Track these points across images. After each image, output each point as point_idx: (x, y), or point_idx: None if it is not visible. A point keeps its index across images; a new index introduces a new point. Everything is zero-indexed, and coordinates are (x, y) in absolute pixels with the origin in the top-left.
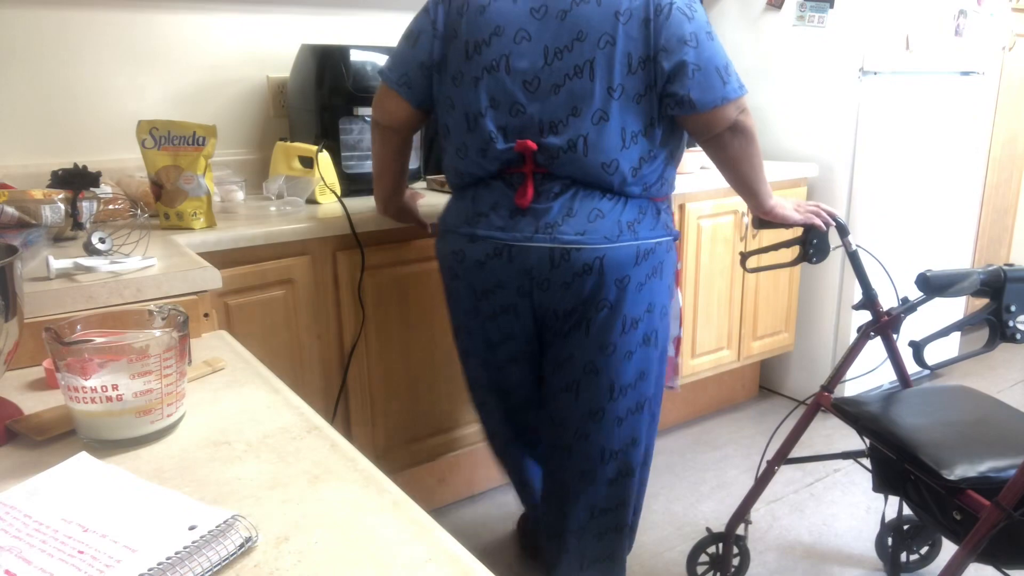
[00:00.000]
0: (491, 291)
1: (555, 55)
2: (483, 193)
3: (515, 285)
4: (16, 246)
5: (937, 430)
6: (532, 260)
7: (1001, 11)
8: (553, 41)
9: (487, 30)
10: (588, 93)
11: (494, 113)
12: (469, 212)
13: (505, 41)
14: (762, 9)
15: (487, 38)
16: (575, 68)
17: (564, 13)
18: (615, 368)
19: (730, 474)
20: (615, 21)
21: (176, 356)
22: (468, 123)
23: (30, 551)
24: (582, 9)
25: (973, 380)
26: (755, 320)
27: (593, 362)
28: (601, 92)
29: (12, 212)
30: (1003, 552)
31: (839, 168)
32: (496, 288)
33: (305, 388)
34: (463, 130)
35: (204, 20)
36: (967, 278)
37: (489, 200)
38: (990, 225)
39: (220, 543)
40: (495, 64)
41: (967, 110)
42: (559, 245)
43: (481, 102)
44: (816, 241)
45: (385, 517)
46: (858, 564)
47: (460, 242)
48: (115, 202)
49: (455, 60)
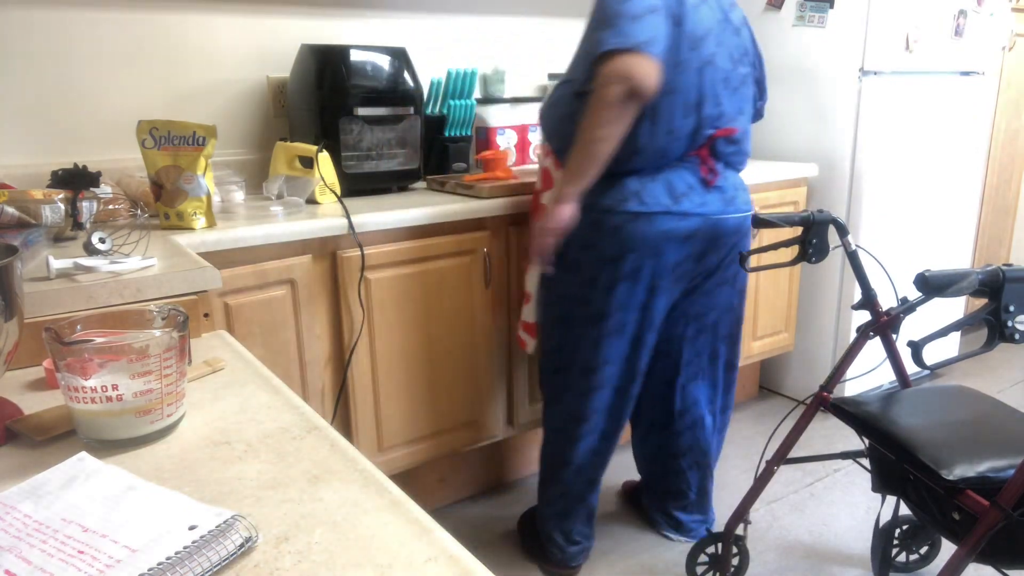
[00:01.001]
0: (680, 263)
1: (735, 63)
2: (675, 175)
3: (699, 253)
4: (16, 246)
5: (936, 430)
6: (727, 229)
7: (1001, 11)
8: (733, 51)
9: (703, 27)
10: (748, 100)
11: (708, 103)
12: (671, 193)
13: (712, 40)
14: (762, 9)
15: (704, 34)
16: (742, 77)
17: (737, 30)
18: (742, 304)
19: (730, 474)
20: (755, 49)
21: (176, 356)
22: (685, 109)
23: (30, 551)
24: (742, 31)
25: (972, 380)
26: (755, 320)
27: (731, 302)
28: (751, 102)
29: (12, 212)
30: (1002, 552)
31: (839, 168)
32: (684, 260)
33: (305, 388)
34: (678, 115)
35: (204, 20)
36: (966, 278)
37: (684, 181)
38: (990, 225)
39: (220, 543)
40: (711, 59)
41: (967, 110)
42: (740, 214)
43: (704, 90)
44: (815, 241)
45: (385, 517)
46: (858, 564)
47: (669, 221)
48: (115, 202)
49: (680, 47)
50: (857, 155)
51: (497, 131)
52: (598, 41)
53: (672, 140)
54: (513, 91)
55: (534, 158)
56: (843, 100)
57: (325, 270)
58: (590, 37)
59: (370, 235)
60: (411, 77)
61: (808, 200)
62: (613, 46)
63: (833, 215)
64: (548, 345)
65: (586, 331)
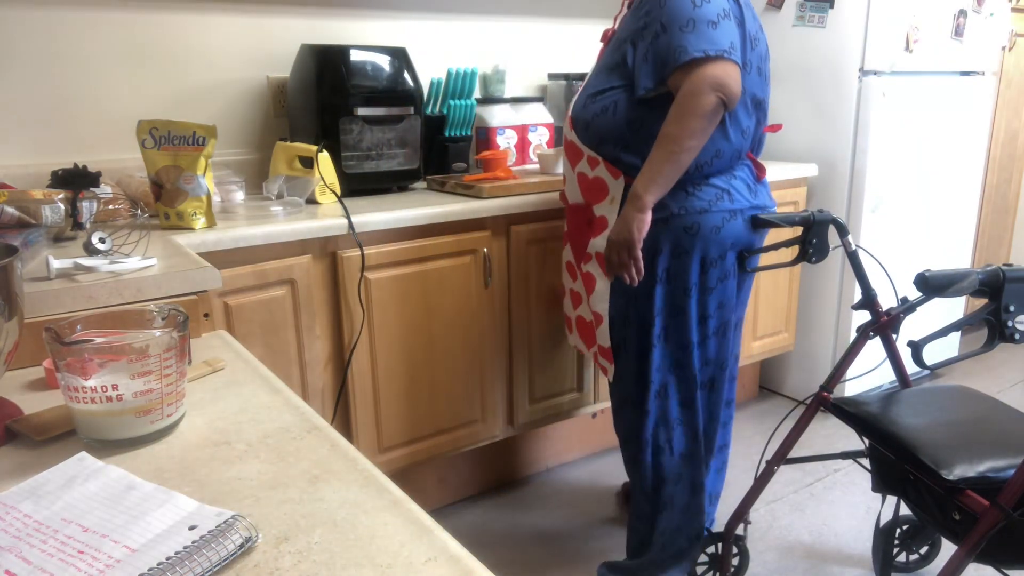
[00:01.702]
0: (750, 257)
1: (765, 59)
2: (741, 171)
3: (756, 245)
4: (16, 246)
5: (936, 430)
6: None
7: (1001, 11)
8: (766, 53)
9: (755, 25)
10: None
11: (764, 100)
12: (749, 188)
13: (761, 39)
14: (762, 9)
15: (756, 33)
16: (769, 72)
17: (761, 26)
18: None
19: (730, 474)
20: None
21: (176, 356)
22: (750, 106)
23: (30, 551)
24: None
25: (973, 380)
26: (755, 320)
27: (747, 296)
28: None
29: (12, 212)
30: (1002, 552)
31: (839, 168)
32: (749, 253)
33: (305, 388)
34: (746, 113)
35: (204, 20)
36: (966, 278)
37: (749, 176)
38: (990, 225)
39: (220, 543)
40: (762, 58)
41: (967, 110)
42: (776, 205)
43: (765, 90)
44: (816, 241)
45: (385, 517)
46: (858, 564)
47: (753, 215)
48: (115, 202)
49: (745, 49)
50: (857, 155)
51: (497, 131)
52: (679, 48)
53: (744, 140)
54: (513, 91)
55: (534, 158)
56: (843, 100)
57: (325, 270)
58: (662, 42)
59: (370, 235)
60: (411, 77)
61: (808, 200)
62: (701, 53)
63: (833, 215)
64: (642, 366)
65: (688, 339)
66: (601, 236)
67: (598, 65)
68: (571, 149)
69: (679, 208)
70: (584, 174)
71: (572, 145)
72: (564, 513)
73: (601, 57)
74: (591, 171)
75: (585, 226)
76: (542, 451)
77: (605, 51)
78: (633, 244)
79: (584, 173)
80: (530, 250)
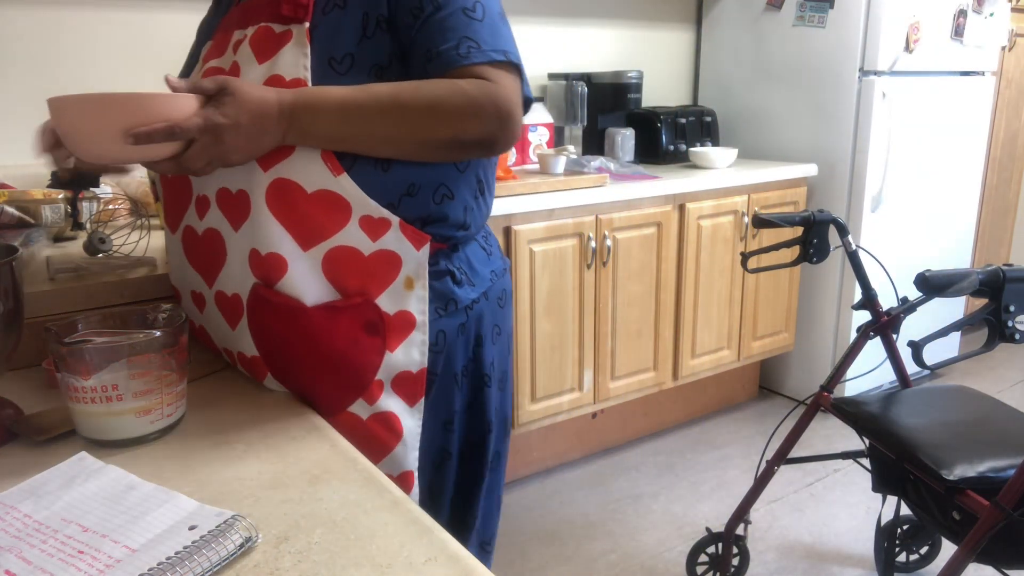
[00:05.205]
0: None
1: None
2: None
3: None
4: (16, 246)
5: (936, 430)
6: None
7: (1001, 11)
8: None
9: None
10: None
11: None
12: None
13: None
14: (762, 9)
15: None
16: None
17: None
18: None
19: (730, 474)
20: None
21: (176, 356)
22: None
23: (30, 551)
24: None
25: (973, 380)
26: (755, 320)
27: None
28: None
29: (12, 212)
30: (1002, 552)
31: (839, 168)
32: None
33: None
34: None
35: None
36: (966, 278)
37: None
38: (990, 225)
39: (220, 543)
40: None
41: (967, 110)
42: None
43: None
44: (816, 241)
45: (385, 517)
46: (858, 564)
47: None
48: (115, 202)
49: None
50: (857, 155)
51: None
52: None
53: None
54: None
55: (534, 158)
56: (843, 100)
57: None
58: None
59: None
60: None
61: (808, 200)
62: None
63: (833, 215)
64: None
65: None
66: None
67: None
68: None
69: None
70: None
71: None
72: (564, 513)
73: None
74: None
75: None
76: (542, 451)
77: None
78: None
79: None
80: (530, 250)
